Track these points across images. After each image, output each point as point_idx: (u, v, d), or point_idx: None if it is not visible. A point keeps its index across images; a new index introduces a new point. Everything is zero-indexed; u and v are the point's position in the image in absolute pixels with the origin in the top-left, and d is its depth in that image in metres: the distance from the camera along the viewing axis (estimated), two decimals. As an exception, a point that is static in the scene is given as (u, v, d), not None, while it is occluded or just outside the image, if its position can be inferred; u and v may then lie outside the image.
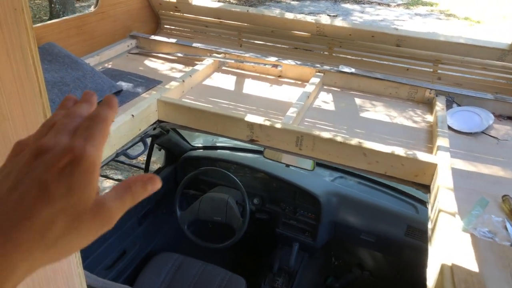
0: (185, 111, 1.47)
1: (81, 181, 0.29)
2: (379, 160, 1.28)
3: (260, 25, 2.04)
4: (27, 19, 0.70)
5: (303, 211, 2.04)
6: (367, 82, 1.76)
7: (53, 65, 1.47)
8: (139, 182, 0.34)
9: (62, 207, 0.28)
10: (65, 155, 0.29)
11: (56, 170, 0.28)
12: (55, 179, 0.28)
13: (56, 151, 0.30)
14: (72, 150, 0.29)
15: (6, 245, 0.26)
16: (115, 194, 0.32)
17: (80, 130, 0.31)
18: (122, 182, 0.34)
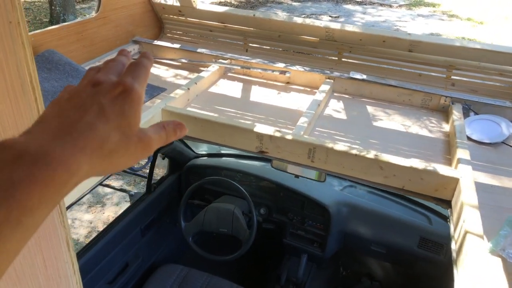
0: (191, 121, 1.41)
1: (131, 108, 0.36)
2: (396, 174, 1.21)
3: (267, 30, 1.98)
4: (24, 33, 0.63)
5: (311, 221, 1.98)
6: (379, 89, 1.69)
7: (53, 73, 1.41)
8: (171, 124, 0.42)
9: (116, 126, 0.35)
10: (118, 86, 0.36)
11: (111, 96, 0.36)
12: (111, 103, 0.35)
13: (110, 83, 0.37)
14: (124, 84, 0.37)
15: (74, 148, 0.31)
16: (154, 129, 0.40)
17: (127, 71, 0.39)
18: (158, 123, 0.41)
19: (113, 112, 0.35)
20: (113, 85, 0.37)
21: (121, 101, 0.36)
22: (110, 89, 0.37)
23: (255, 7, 10.01)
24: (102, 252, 1.72)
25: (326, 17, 9.28)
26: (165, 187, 2.08)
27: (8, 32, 0.59)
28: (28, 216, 0.28)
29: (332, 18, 9.25)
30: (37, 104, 0.69)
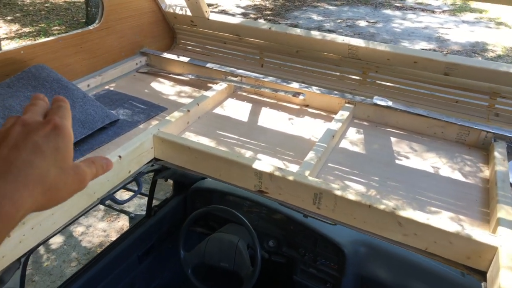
0: (184, 151, 1.24)
1: (64, 143, 0.40)
2: (418, 233, 0.99)
3: (284, 44, 1.79)
4: None
5: (324, 260, 1.77)
6: (406, 118, 1.46)
7: (38, 91, 1.29)
8: (99, 160, 0.46)
9: (53, 161, 0.38)
10: (48, 124, 0.40)
11: (43, 133, 0.39)
12: (44, 140, 0.39)
13: (39, 122, 0.41)
14: (54, 121, 0.41)
15: (16, 183, 0.35)
16: (85, 164, 0.44)
17: (52, 111, 0.44)
18: (87, 158, 0.46)
19: (48, 148, 0.38)
20: (43, 124, 0.40)
21: (54, 137, 0.39)
22: (41, 128, 0.39)
23: (290, 11, 9.81)
24: (94, 279, 1.60)
25: (363, 22, 8.93)
26: (168, 210, 1.94)
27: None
28: None
29: (370, 23, 8.89)
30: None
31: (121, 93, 1.62)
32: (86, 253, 3.26)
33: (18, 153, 0.37)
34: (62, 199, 0.40)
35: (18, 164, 0.36)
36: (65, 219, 1.04)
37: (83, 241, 3.39)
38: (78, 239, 3.41)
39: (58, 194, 0.39)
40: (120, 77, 1.76)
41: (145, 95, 1.62)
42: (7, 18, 8.24)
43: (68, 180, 0.39)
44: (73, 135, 1.21)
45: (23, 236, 0.92)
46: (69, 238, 3.40)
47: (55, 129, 0.40)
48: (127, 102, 1.57)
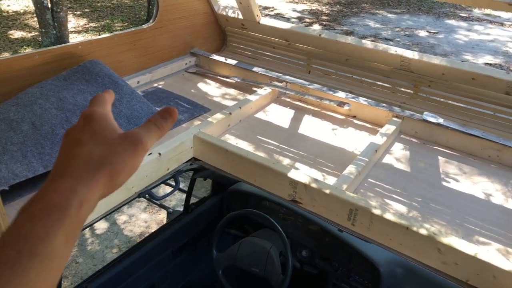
0: (222, 153, 1.25)
1: (98, 125, 0.42)
2: (459, 263, 0.92)
3: (333, 52, 1.75)
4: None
5: (358, 276, 1.70)
6: (458, 138, 1.37)
7: (90, 85, 1.35)
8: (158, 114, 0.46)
9: (92, 143, 0.41)
10: (80, 118, 0.44)
11: (78, 129, 0.42)
12: (80, 133, 0.42)
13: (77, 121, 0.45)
14: (83, 113, 0.44)
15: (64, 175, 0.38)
16: (142, 126, 0.44)
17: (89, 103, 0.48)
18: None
19: (85, 136, 0.41)
20: (78, 120, 0.44)
21: (88, 125, 0.42)
22: (76, 124, 0.43)
23: (347, 17, 9.63)
24: (128, 270, 1.65)
25: (423, 32, 8.57)
26: (205, 209, 1.96)
27: None
28: (40, 247, 0.32)
29: (430, 33, 8.51)
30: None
31: (168, 92, 1.67)
32: (127, 241, 3.39)
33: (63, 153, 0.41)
34: (124, 170, 0.40)
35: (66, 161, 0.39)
36: (103, 209, 1.08)
37: (125, 230, 3.53)
38: (121, 227, 3.55)
39: (115, 166, 0.39)
40: (169, 75, 1.81)
41: (191, 95, 1.65)
42: (76, 13, 8.80)
43: (117, 147, 0.40)
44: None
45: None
46: (112, 225, 3.56)
47: (85, 118, 0.43)
48: (173, 101, 1.61)
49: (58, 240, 0.33)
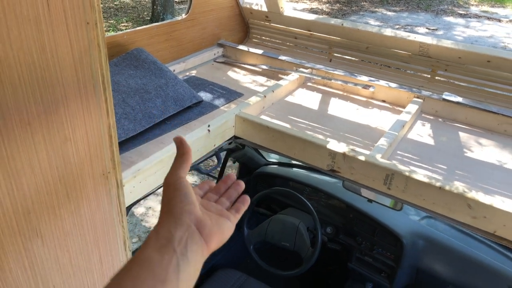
0: (263, 130, 1.37)
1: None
2: (487, 216, 1.04)
3: (354, 40, 1.87)
4: (100, 34, 0.63)
5: (381, 249, 1.82)
6: (476, 115, 1.50)
7: (139, 71, 1.47)
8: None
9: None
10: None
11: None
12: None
13: None
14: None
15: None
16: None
17: None
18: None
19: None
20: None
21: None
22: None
23: (347, 15, 9.77)
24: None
25: (423, 29, 8.72)
26: (232, 191, 2.08)
27: (85, 33, 0.60)
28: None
29: (430, 30, 8.66)
30: (107, 105, 0.69)
31: (202, 79, 1.79)
32: (145, 231, 3.50)
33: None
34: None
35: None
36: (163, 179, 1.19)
37: (143, 221, 3.65)
38: (139, 218, 3.66)
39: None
40: (200, 65, 1.93)
41: (223, 82, 1.77)
42: (80, 14, 8.90)
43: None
44: (168, 111, 1.36)
45: (133, 187, 1.09)
46: (130, 216, 3.67)
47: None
48: (207, 87, 1.73)
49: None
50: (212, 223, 0.51)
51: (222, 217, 0.54)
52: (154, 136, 1.32)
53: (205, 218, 0.51)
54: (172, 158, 1.24)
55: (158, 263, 0.41)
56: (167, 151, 1.19)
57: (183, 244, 0.45)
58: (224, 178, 0.66)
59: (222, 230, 0.52)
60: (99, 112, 0.70)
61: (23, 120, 0.60)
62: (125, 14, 9.05)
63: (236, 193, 0.64)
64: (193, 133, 1.28)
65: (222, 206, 0.59)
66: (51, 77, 0.62)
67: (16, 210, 0.63)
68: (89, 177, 0.73)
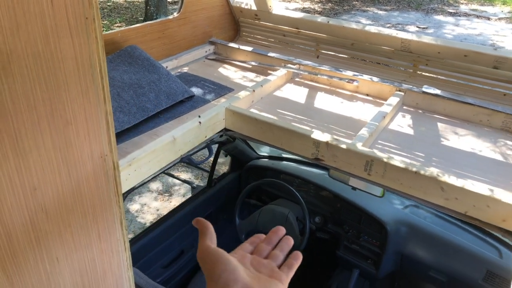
0: (251, 122, 1.44)
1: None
2: (459, 197, 1.13)
3: (340, 37, 1.95)
4: (98, 28, 0.71)
5: (367, 236, 1.91)
6: (454, 106, 1.58)
7: (132, 67, 1.54)
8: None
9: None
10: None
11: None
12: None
13: None
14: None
15: None
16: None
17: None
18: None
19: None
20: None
21: None
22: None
23: (338, 14, 9.88)
24: (160, 237, 1.83)
25: (413, 28, 8.84)
26: (225, 183, 2.15)
27: (84, 27, 0.67)
28: None
29: (420, 29, 8.79)
30: (104, 92, 0.76)
31: (194, 75, 1.86)
32: (141, 227, 3.56)
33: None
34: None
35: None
36: (157, 168, 1.27)
37: (138, 217, 3.71)
38: (134, 215, 3.73)
39: None
40: (192, 62, 2.00)
41: (214, 78, 1.84)
42: (73, 15, 8.93)
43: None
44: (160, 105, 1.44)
45: (128, 175, 1.16)
46: (126, 213, 3.73)
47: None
48: (199, 83, 1.80)
49: None
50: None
51: (272, 279, 0.53)
52: (148, 129, 1.39)
53: (253, 283, 0.49)
54: (165, 148, 1.31)
55: None
56: (160, 142, 1.27)
57: None
58: (275, 229, 0.65)
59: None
60: (97, 99, 0.77)
61: (30, 105, 0.67)
62: (118, 14, 9.08)
63: (287, 247, 0.62)
64: (184, 125, 1.35)
65: (275, 261, 0.57)
66: (54, 66, 0.69)
67: (23, 186, 0.70)
68: (88, 159, 0.80)
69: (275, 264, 0.57)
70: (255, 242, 0.63)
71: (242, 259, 0.57)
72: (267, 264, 0.56)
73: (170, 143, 1.29)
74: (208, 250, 0.55)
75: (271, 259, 0.58)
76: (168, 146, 1.29)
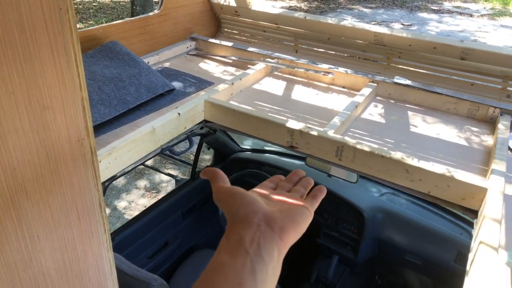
0: (230, 113, 1.50)
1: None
2: (422, 179, 1.20)
3: (317, 32, 2.02)
4: (71, 19, 0.76)
5: (345, 223, 1.98)
6: (423, 96, 1.66)
7: (113, 62, 1.58)
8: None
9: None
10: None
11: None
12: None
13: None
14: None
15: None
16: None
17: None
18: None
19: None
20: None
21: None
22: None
23: (325, 13, 9.98)
24: (144, 228, 1.88)
25: (398, 25, 8.98)
26: (208, 177, 2.20)
27: (58, 17, 0.72)
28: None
29: (404, 26, 8.93)
30: (80, 79, 0.82)
31: (175, 70, 1.91)
32: (129, 224, 3.60)
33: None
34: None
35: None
36: (137, 157, 1.32)
37: (126, 214, 3.74)
38: (122, 212, 3.76)
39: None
40: (174, 57, 2.04)
41: (195, 72, 1.90)
42: (59, 15, 8.87)
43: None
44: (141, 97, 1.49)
45: (109, 164, 1.21)
46: (114, 211, 3.76)
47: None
48: (180, 77, 1.85)
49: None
50: (283, 216, 0.46)
51: (296, 206, 0.49)
52: (128, 121, 1.44)
53: (274, 212, 0.46)
54: (144, 138, 1.36)
55: (232, 268, 0.39)
56: (139, 132, 1.32)
57: (256, 244, 0.42)
58: (295, 170, 0.61)
59: (296, 221, 0.47)
60: (73, 85, 0.82)
61: (8, 90, 0.72)
62: (104, 15, 9.06)
63: (309, 184, 0.59)
64: (164, 116, 1.41)
65: (297, 194, 0.54)
66: (30, 54, 0.74)
67: (3, 166, 0.75)
68: (66, 142, 0.86)
69: (298, 195, 0.54)
70: (275, 181, 0.59)
71: (262, 194, 0.53)
72: (289, 196, 0.53)
73: (150, 133, 1.34)
74: (222, 189, 0.51)
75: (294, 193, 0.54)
76: (148, 136, 1.34)
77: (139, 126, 1.39)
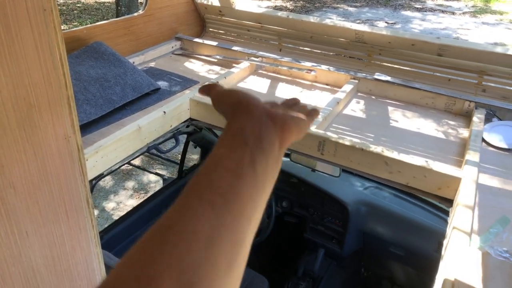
0: (214, 111, 1.52)
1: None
2: (401, 170, 1.25)
3: (300, 31, 2.06)
4: (56, 19, 0.78)
5: (330, 217, 2.02)
6: (403, 91, 1.71)
7: (98, 62, 1.60)
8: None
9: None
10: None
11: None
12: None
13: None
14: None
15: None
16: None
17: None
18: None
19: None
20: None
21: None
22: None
23: (310, 12, 10.05)
24: (132, 227, 1.90)
25: (382, 23, 9.10)
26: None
27: (43, 18, 0.75)
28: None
29: (389, 24, 9.05)
30: (65, 78, 0.84)
31: (161, 70, 1.93)
32: (117, 225, 3.60)
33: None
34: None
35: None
36: (123, 155, 1.34)
37: (114, 215, 3.73)
38: (110, 213, 3.75)
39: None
40: (159, 57, 2.06)
41: (180, 72, 1.92)
42: (42, 17, 8.77)
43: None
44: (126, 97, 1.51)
45: (96, 162, 1.23)
46: (102, 212, 3.75)
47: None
48: (166, 76, 1.87)
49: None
50: (284, 114, 0.44)
51: (295, 112, 0.47)
52: (115, 120, 1.45)
53: (276, 110, 0.44)
54: (131, 136, 1.38)
55: (230, 160, 0.36)
56: (125, 131, 1.34)
57: (256, 135, 0.39)
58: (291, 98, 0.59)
59: (297, 122, 0.44)
60: (58, 84, 0.84)
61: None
62: (89, 16, 8.98)
63: (304, 107, 0.55)
64: (150, 115, 1.43)
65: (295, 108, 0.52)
66: (16, 53, 0.76)
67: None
68: (53, 139, 0.88)
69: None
70: (271, 103, 0.58)
71: None
72: (288, 107, 0.50)
73: (136, 131, 1.36)
74: (220, 91, 0.48)
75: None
76: (134, 135, 1.36)
77: (125, 125, 1.41)
